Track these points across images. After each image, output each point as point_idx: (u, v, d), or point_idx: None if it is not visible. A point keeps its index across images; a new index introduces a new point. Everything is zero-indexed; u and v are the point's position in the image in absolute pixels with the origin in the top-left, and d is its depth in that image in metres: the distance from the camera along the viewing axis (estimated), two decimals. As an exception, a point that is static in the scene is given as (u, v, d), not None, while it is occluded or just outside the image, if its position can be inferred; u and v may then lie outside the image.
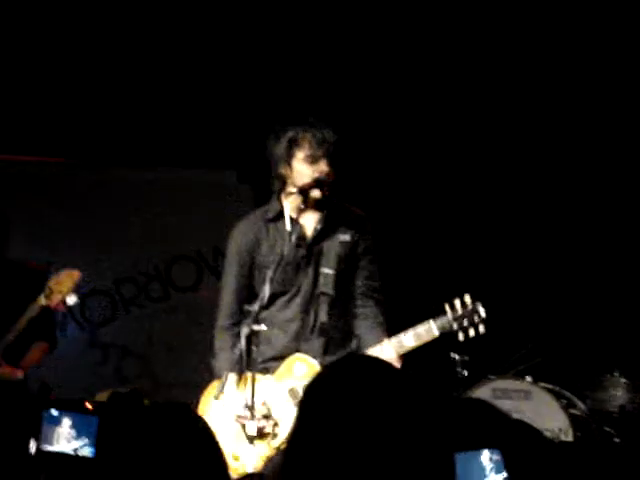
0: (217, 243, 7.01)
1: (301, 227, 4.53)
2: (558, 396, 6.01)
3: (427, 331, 4.25)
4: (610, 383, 6.20)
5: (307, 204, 4.46)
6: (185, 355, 6.86)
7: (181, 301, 7.00)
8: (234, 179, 7.07)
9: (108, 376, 6.83)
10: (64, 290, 4.96)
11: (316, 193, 4.41)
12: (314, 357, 4.38)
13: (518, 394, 6.00)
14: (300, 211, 4.49)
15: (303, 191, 4.41)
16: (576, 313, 6.65)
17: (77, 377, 6.70)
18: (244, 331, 4.13)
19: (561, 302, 6.72)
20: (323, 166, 4.38)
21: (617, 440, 5.92)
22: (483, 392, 6.07)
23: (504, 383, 6.11)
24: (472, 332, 4.24)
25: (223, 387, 4.09)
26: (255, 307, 4.19)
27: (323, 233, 4.50)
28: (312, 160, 4.40)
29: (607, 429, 5.98)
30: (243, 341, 4.12)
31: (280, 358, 4.44)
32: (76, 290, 4.97)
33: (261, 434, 4.27)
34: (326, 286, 4.43)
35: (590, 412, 6.06)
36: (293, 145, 4.44)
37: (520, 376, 6.15)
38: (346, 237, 4.47)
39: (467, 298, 4.29)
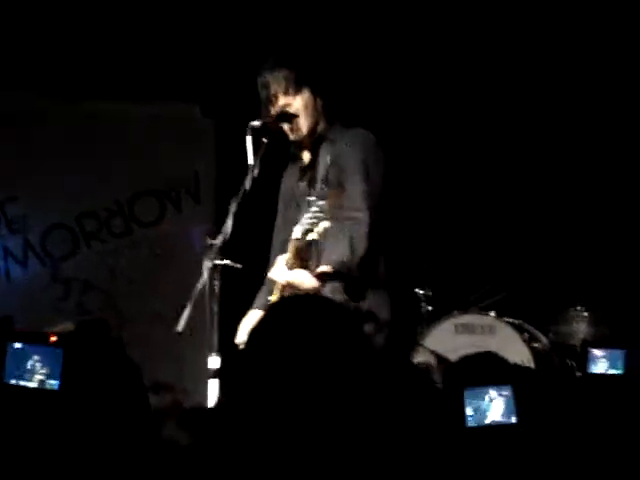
0: (180, 177, 6.96)
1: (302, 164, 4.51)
2: (521, 330, 6.07)
3: (293, 235, 4.10)
4: (572, 317, 6.26)
5: (296, 144, 4.42)
6: (148, 289, 6.84)
7: (144, 236, 6.94)
8: (197, 112, 6.98)
9: (70, 311, 6.77)
10: None
11: (285, 127, 4.37)
12: None
13: (482, 329, 6.05)
14: (301, 149, 4.46)
15: (276, 131, 4.36)
16: (539, 248, 6.68)
17: (39, 312, 6.65)
18: (206, 265, 4.11)
19: (524, 237, 6.74)
20: (279, 102, 4.35)
21: (579, 374, 5.98)
22: (446, 327, 6.11)
23: (468, 318, 6.16)
24: (318, 229, 4.00)
25: (185, 321, 4.07)
26: (217, 241, 4.16)
27: (314, 164, 4.42)
28: (268, 102, 4.37)
29: (569, 362, 6.04)
30: (205, 275, 4.10)
31: None
32: None
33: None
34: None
35: (552, 346, 6.12)
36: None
37: (484, 311, 6.20)
38: (327, 159, 4.33)
39: (322, 187, 4.14)
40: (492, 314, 6.15)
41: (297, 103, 4.40)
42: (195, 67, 6.91)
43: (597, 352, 4.20)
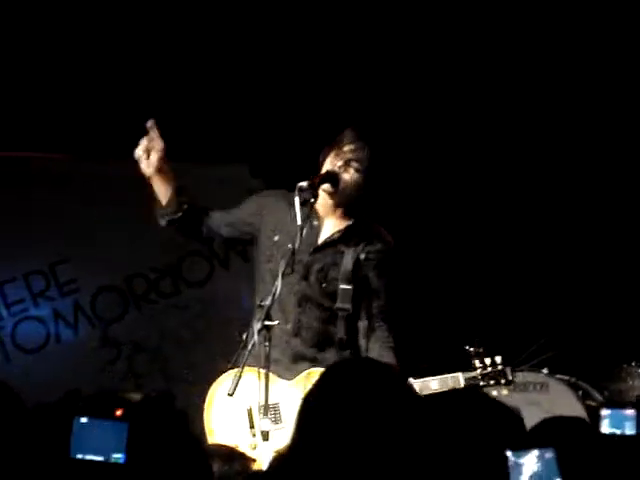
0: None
1: (318, 227, 4.51)
2: (575, 387, 5.97)
3: (454, 382, 4.36)
4: (627, 374, 6.15)
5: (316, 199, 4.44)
6: (197, 350, 6.83)
7: (192, 296, 6.95)
8: (247, 173, 7.02)
9: (120, 373, 6.80)
10: None
11: (326, 187, 4.39)
12: None
13: (534, 386, 5.96)
14: (326, 211, 4.49)
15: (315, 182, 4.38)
16: (592, 304, 6.60)
17: (89, 374, 6.67)
18: (256, 326, 4.09)
19: (577, 293, 6.67)
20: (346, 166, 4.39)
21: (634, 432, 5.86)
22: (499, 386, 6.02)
23: (520, 375, 6.06)
24: (495, 392, 4.33)
25: (236, 384, 4.04)
26: (267, 302, 4.14)
27: (338, 242, 4.48)
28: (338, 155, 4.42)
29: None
30: (256, 337, 4.08)
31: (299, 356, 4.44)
32: None
33: (268, 436, 4.26)
34: (344, 301, 4.41)
35: (608, 402, 6.01)
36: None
37: (536, 368, 6.11)
38: (362, 255, 4.46)
39: (498, 359, 4.42)
40: (545, 371, 6.06)
41: (352, 177, 4.42)
42: (245, 128, 6.95)
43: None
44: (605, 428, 3.48)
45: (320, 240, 4.50)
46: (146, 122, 4.80)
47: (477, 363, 4.40)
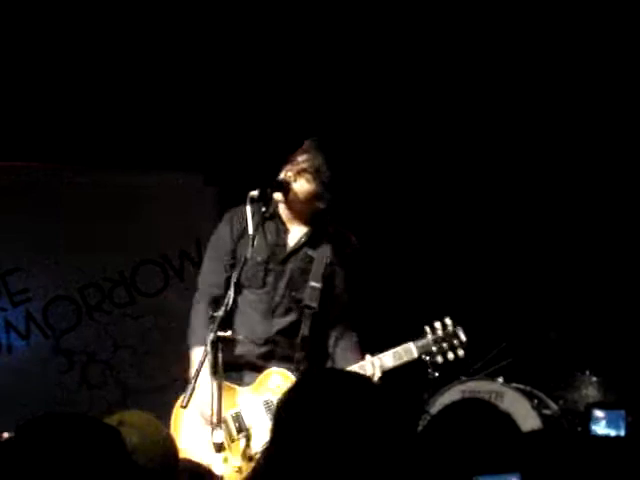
0: (183, 247, 6.94)
1: (285, 237, 4.54)
2: (530, 396, 5.99)
3: (406, 352, 4.32)
4: (581, 382, 6.18)
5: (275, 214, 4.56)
6: (152, 360, 6.78)
7: (147, 306, 6.90)
8: (200, 181, 6.99)
9: (74, 384, 6.73)
10: None
11: (278, 196, 4.42)
12: (293, 369, 4.38)
13: (489, 395, 5.96)
14: (290, 220, 4.55)
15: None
16: (546, 313, 6.62)
17: (42, 385, 6.60)
18: (210, 337, 4.07)
19: (531, 302, 6.69)
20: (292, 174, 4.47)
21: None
22: (454, 393, 6.03)
23: (475, 384, 6.08)
24: (451, 355, 4.29)
25: (189, 396, 4.02)
26: (220, 312, 4.14)
27: (305, 247, 4.54)
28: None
29: (579, 429, 5.95)
30: (208, 347, 4.06)
31: (254, 366, 4.44)
32: None
33: (230, 444, 4.24)
34: (311, 300, 4.44)
35: (562, 412, 6.04)
36: None
37: (491, 377, 6.12)
38: (329, 258, 4.51)
39: (448, 321, 4.33)
40: (500, 380, 6.08)
41: (303, 187, 4.44)
42: (198, 137, 6.93)
43: (599, 413, 4.12)
44: (601, 430, 3.52)
45: (288, 249, 4.57)
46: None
47: (427, 329, 4.31)
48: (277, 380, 4.36)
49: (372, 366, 4.29)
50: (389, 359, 4.29)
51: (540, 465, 3.01)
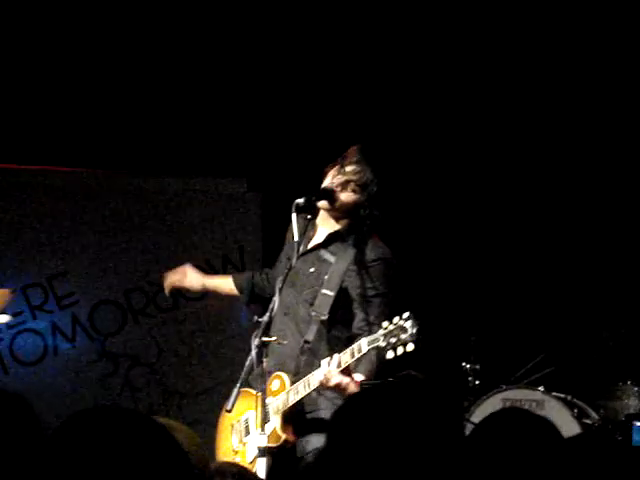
0: (226, 252, 7.00)
1: (311, 236, 4.54)
2: (571, 405, 5.98)
3: (358, 348, 4.11)
4: (622, 392, 6.16)
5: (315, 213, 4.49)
6: (194, 364, 6.84)
7: (190, 311, 6.96)
8: (244, 186, 7.04)
9: (117, 387, 6.80)
10: None
11: (322, 203, 4.41)
12: (293, 375, 4.32)
13: (530, 404, 5.96)
14: (322, 222, 4.53)
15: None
16: (589, 323, 6.60)
17: (87, 388, 6.68)
18: (254, 342, 4.11)
19: (574, 312, 6.68)
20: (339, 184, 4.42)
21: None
22: (494, 402, 6.03)
23: (516, 393, 6.08)
24: (400, 350, 4.00)
25: (233, 401, 4.08)
26: (265, 318, 4.16)
27: (321, 248, 4.48)
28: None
29: (620, 438, 5.93)
30: (253, 352, 4.10)
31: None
32: (4, 309, 4.75)
33: (242, 449, 4.32)
34: (321, 307, 4.36)
35: (603, 421, 6.02)
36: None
37: (532, 386, 6.12)
38: (351, 265, 4.41)
39: (404, 315, 4.07)
40: (541, 388, 6.07)
41: (348, 197, 4.45)
42: (242, 142, 6.97)
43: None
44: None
45: (304, 249, 4.50)
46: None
47: (383, 324, 4.08)
48: (277, 384, 4.34)
49: (328, 364, 4.20)
50: (346, 355, 4.18)
51: (581, 474, 3.01)
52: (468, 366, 6.32)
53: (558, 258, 6.85)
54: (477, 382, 6.28)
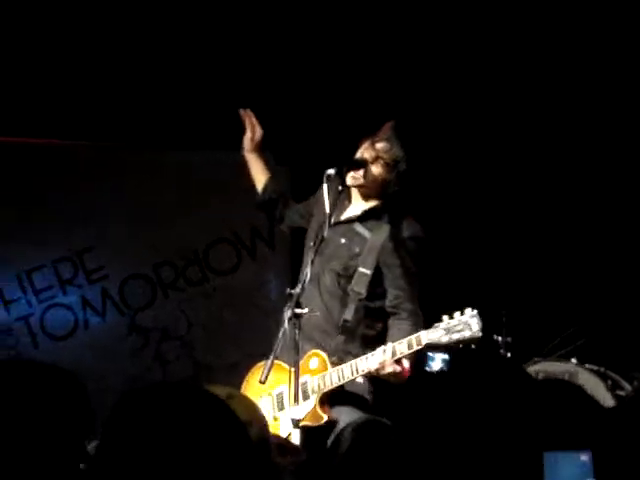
0: (255, 225, 6.98)
1: (345, 208, 4.53)
2: (604, 377, 5.94)
3: (418, 341, 4.11)
4: (656, 364, 6.11)
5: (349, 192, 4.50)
6: (223, 338, 6.85)
7: (219, 284, 6.96)
8: (272, 160, 7.00)
9: (148, 360, 6.82)
10: None
11: (353, 174, 4.40)
12: (331, 354, 4.34)
13: (563, 375, 5.93)
14: (356, 195, 4.52)
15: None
16: (620, 294, 6.55)
17: (117, 361, 6.70)
18: (286, 314, 4.09)
19: (605, 283, 6.62)
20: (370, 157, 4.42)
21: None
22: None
23: (548, 365, 6.05)
24: (461, 347, 4.05)
25: (267, 372, 4.06)
26: (297, 290, 4.15)
27: (356, 221, 4.48)
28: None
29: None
30: (286, 324, 4.08)
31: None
32: None
33: (274, 423, 4.34)
34: (358, 285, 4.37)
35: (637, 393, 5.98)
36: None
37: (565, 358, 6.08)
38: (387, 242, 4.41)
39: (467, 311, 4.08)
40: (573, 361, 6.03)
41: (378, 171, 4.44)
42: (269, 116, 6.94)
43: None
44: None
45: (336, 220, 4.51)
46: (239, 111, 5.21)
47: (443, 318, 4.08)
48: (315, 363, 4.33)
49: (383, 353, 4.19)
50: (404, 347, 4.17)
51: (613, 444, 2.98)
52: (500, 339, 6.28)
53: (589, 229, 6.79)
54: (509, 355, 6.25)
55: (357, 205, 4.55)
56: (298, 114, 6.93)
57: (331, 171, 4.36)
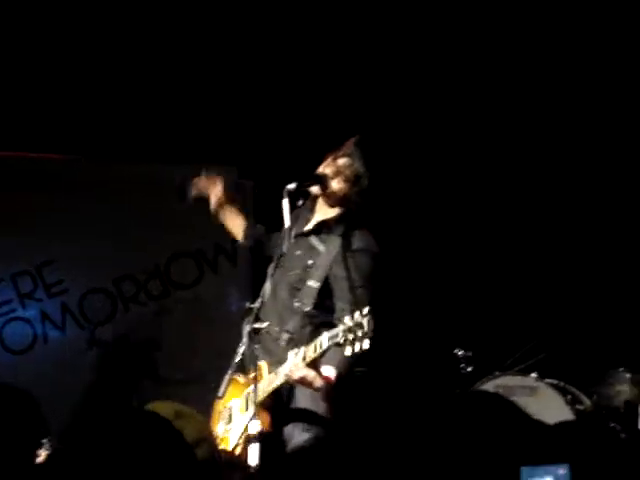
0: (217, 240, 6.96)
1: (307, 222, 4.54)
2: (564, 392, 5.97)
3: (320, 343, 4.10)
4: (615, 379, 6.15)
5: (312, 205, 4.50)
6: (186, 352, 6.82)
7: (181, 298, 6.94)
8: (235, 175, 7.01)
9: (107, 375, 6.77)
10: None
11: (314, 189, 4.43)
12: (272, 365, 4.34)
13: (523, 390, 5.95)
14: (318, 208, 4.54)
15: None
16: (581, 309, 6.60)
17: (77, 376, 6.65)
18: (245, 329, 4.10)
19: (565, 298, 6.67)
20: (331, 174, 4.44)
21: (623, 436, 5.86)
22: (487, 389, 6.02)
23: (508, 379, 6.07)
24: (357, 347, 3.95)
25: (224, 388, 4.07)
26: (256, 304, 4.16)
27: (311, 234, 4.49)
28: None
29: (612, 424, 5.93)
30: (244, 339, 4.09)
31: None
32: None
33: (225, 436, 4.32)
34: (305, 297, 4.37)
35: (596, 408, 6.02)
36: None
37: (525, 372, 6.11)
38: (338, 255, 4.41)
39: (364, 310, 4.02)
40: (533, 375, 6.07)
41: (339, 186, 4.45)
42: (232, 130, 6.95)
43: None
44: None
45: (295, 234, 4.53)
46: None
47: (345, 318, 4.03)
48: (258, 374, 4.33)
49: (295, 357, 4.20)
50: (311, 349, 4.16)
51: (573, 460, 2.98)
52: (460, 353, 6.30)
53: (549, 245, 6.84)
54: (470, 369, 6.28)
55: (315, 218, 4.57)
56: (263, 128, 6.94)
57: (291, 186, 4.39)
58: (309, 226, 4.56)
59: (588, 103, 6.71)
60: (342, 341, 3.97)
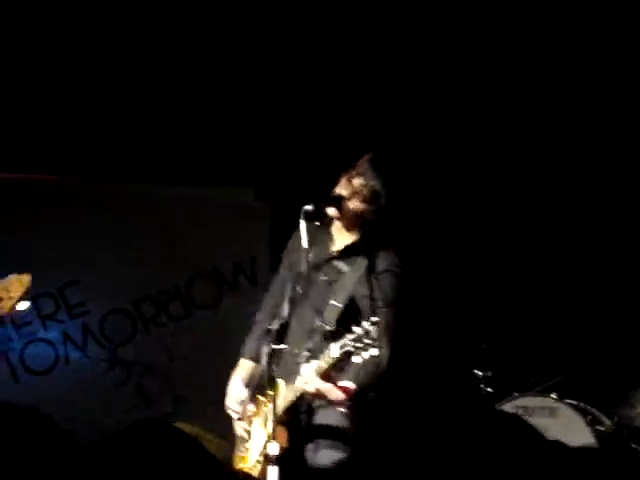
0: (236, 260, 6.99)
1: (328, 247, 4.53)
2: (584, 413, 5.95)
3: (329, 353, 4.10)
4: (636, 399, 6.11)
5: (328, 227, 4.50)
6: (206, 373, 6.83)
7: (201, 319, 6.96)
8: (251, 196, 7.04)
9: (130, 395, 6.80)
10: (14, 296, 4.52)
11: (330, 210, 4.41)
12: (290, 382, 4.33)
13: (543, 411, 5.94)
14: (337, 231, 4.52)
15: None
16: (602, 329, 6.57)
17: (99, 396, 6.68)
18: (265, 350, 4.10)
19: (587, 318, 6.65)
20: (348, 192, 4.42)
21: (644, 456, 5.83)
22: (507, 409, 6.00)
23: (528, 400, 6.06)
24: (365, 355, 3.97)
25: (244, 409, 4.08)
26: (275, 326, 4.16)
27: (337, 259, 4.48)
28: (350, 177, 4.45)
29: (634, 446, 5.90)
30: (264, 360, 4.09)
31: None
32: (26, 295, 4.64)
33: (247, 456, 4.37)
34: (328, 317, 4.36)
35: (616, 428, 5.99)
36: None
37: (545, 393, 6.09)
38: (364, 277, 4.40)
39: (373, 319, 4.03)
40: (553, 396, 6.04)
41: (356, 206, 4.45)
42: (249, 151, 6.98)
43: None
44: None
45: (321, 259, 4.50)
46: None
47: (353, 327, 4.03)
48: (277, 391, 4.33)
49: (308, 369, 4.21)
50: (322, 361, 4.16)
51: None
52: (480, 374, 6.29)
53: (571, 265, 6.82)
54: (489, 390, 6.26)
55: (338, 241, 4.56)
56: (278, 150, 6.97)
57: (309, 207, 4.37)
58: (333, 250, 4.55)
59: (592, 104, 6.70)
60: (353, 349, 3.98)
